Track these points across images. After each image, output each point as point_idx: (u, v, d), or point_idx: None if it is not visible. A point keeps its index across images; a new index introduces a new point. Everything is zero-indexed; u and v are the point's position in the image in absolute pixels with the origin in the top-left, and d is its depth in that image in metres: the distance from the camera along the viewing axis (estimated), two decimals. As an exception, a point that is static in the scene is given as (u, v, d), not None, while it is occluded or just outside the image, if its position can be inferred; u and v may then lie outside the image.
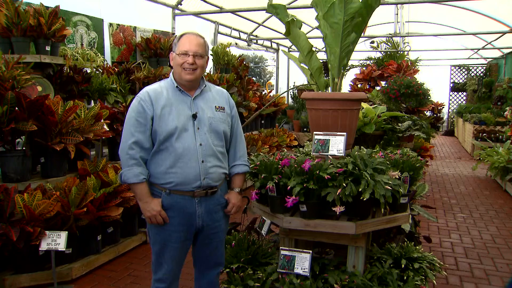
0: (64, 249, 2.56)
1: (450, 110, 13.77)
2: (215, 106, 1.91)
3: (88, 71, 3.92)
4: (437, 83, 12.47)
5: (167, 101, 1.81)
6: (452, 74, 13.48)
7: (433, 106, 11.22)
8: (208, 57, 1.92)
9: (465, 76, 13.11)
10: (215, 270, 2.02)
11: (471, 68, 13.03)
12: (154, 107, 1.79)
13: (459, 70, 13.34)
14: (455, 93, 13.56)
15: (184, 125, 1.79)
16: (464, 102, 13.10)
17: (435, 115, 11.30)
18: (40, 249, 2.57)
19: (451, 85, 13.42)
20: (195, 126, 1.82)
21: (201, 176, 1.81)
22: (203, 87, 1.92)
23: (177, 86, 1.85)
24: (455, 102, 13.66)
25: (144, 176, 1.79)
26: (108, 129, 3.37)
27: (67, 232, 2.60)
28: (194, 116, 1.83)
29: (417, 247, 2.30)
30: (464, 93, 13.12)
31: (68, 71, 3.66)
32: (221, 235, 1.97)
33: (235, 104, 2.04)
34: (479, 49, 10.75)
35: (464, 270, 3.12)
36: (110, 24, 4.78)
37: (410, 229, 2.64)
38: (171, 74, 1.90)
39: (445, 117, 13.95)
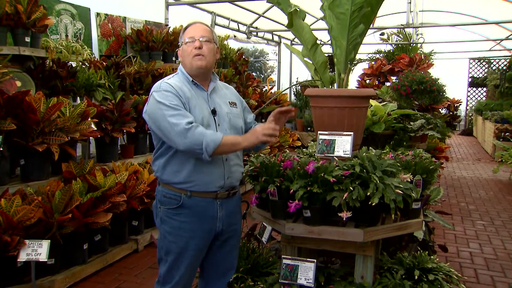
0: (45, 260, 2.54)
1: (468, 108, 13.77)
2: (229, 102, 1.95)
3: (74, 65, 3.92)
4: (454, 78, 12.45)
5: (190, 94, 1.82)
6: (470, 67, 13.48)
7: (449, 103, 11.26)
8: (218, 47, 1.94)
9: (486, 70, 13.10)
10: (223, 278, 2.01)
11: (492, 61, 13.01)
12: (182, 99, 1.77)
13: (478, 63, 13.34)
14: (474, 88, 13.55)
15: (208, 121, 1.82)
16: (484, 98, 13.09)
17: (451, 113, 11.33)
18: (18, 260, 2.54)
19: (470, 80, 13.42)
20: (216, 122, 1.85)
21: (225, 176, 1.85)
22: (216, 82, 1.96)
23: (192, 80, 1.87)
24: (473, 98, 13.66)
25: (217, 131, 1.79)
26: (95, 129, 3.38)
27: (49, 240, 2.59)
28: (214, 112, 1.85)
29: (432, 256, 2.31)
30: (484, 89, 13.11)
31: (51, 64, 3.66)
32: (236, 238, 2.00)
33: None
34: (502, 40, 10.70)
35: (486, 284, 3.11)
36: (98, 14, 4.80)
37: (423, 237, 2.66)
38: (180, 68, 1.91)
39: (463, 115, 13.96)
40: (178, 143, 1.71)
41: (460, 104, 13.17)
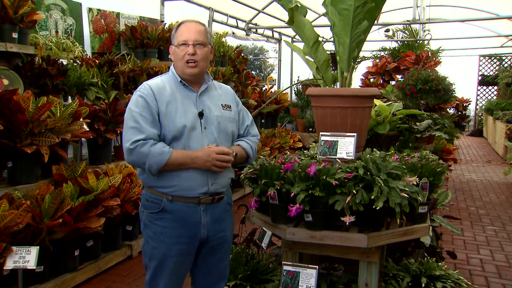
0: (34, 267, 2.54)
1: (477, 107, 13.80)
2: (222, 104, 1.95)
3: (64, 62, 3.93)
4: (463, 76, 12.53)
5: (172, 97, 1.84)
6: (480, 65, 13.49)
7: (457, 102, 11.27)
8: (212, 46, 1.96)
9: (497, 68, 13.10)
10: (216, 287, 2.03)
11: (504, 57, 13.00)
12: (158, 103, 1.81)
13: (489, 60, 13.34)
14: (484, 87, 13.58)
15: (192, 124, 1.83)
16: (494, 97, 13.10)
17: (459, 113, 11.34)
18: (5, 268, 2.52)
19: (480, 78, 13.44)
20: (202, 126, 1.86)
21: (208, 182, 1.85)
22: (209, 83, 1.96)
23: (181, 81, 1.88)
24: (483, 97, 13.68)
25: (167, 146, 1.79)
26: (88, 129, 3.39)
27: (38, 247, 2.58)
28: (201, 114, 1.86)
29: (440, 263, 2.32)
30: (495, 87, 13.12)
31: (41, 62, 3.67)
32: (226, 246, 2.01)
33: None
34: (515, 36, 10.70)
35: (497, 292, 3.13)
36: (90, 9, 4.82)
37: (430, 243, 2.67)
38: (171, 67, 1.94)
39: (472, 115, 13.99)
40: (125, 157, 1.82)
41: (469, 104, 13.16)
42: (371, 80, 7.75)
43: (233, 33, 7.74)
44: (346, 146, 1.97)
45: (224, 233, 1.97)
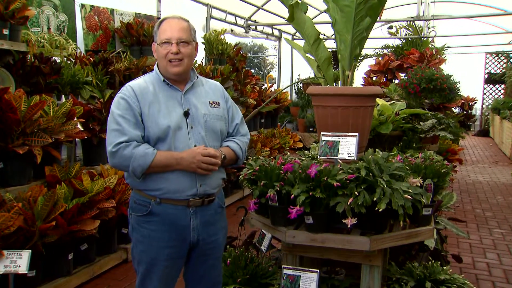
0: (26, 272, 2.52)
1: (484, 106, 13.82)
2: (209, 102, 1.94)
3: (58, 60, 3.94)
4: (469, 74, 12.50)
5: (155, 97, 1.84)
6: (487, 63, 13.50)
7: (462, 101, 11.30)
8: (197, 43, 1.95)
9: (504, 65, 13.10)
10: None
11: (511, 55, 13.02)
12: (140, 104, 1.81)
13: (496, 58, 13.35)
14: (491, 85, 13.59)
15: (177, 124, 1.82)
16: (501, 96, 13.11)
17: (465, 112, 11.37)
18: None
19: (486, 76, 13.46)
20: (188, 125, 1.85)
21: (197, 183, 1.84)
22: (195, 80, 1.95)
23: (164, 80, 1.88)
24: (490, 96, 13.70)
25: (151, 148, 1.79)
26: (82, 129, 3.40)
27: (30, 251, 2.56)
28: (186, 114, 1.86)
29: (445, 267, 2.33)
30: (502, 86, 13.13)
31: (33, 60, 3.66)
32: (218, 250, 2.01)
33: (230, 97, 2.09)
34: (523, 32, 10.68)
35: (504, 297, 3.13)
36: (83, 5, 4.82)
37: (435, 246, 2.67)
38: (155, 66, 1.94)
39: (478, 114, 14.00)
40: (108, 160, 1.83)
41: (475, 103, 13.20)
42: (374, 78, 7.77)
43: (232, 30, 7.75)
44: (348, 147, 1.97)
45: (216, 237, 1.96)
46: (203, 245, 1.92)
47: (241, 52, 6.60)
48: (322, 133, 2.06)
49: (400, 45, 8.19)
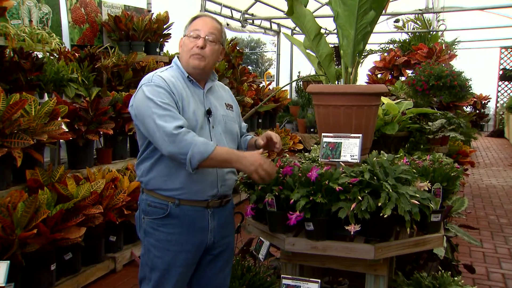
0: (3, 284, 2.49)
1: (498, 105, 13.81)
2: (225, 104, 2.04)
3: (40, 55, 3.93)
4: (481, 70, 12.49)
5: (183, 92, 1.87)
6: (502, 58, 13.49)
7: (475, 99, 11.32)
8: (224, 48, 1.99)
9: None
10: None
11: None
12: (175, 96, 1.82)
13: (511, 52, 13.37)
14: (506, 82, 13.59)
15: (201, 123, 1.87)
16: (517, 94, 13.16)
17: (477, 111, 11.40)
18: None
19: (501, 72, 13.43)
20: (210, 124, 1.91)
21: (218, 183, 1.90)
22: (215, 81, 2.03)
23: (188, 76, 1.92)
24: (505, 94, 13.69)
25: (211, 134, 1.87)
26: (67, 130, 3.39)
27: (8, 261, 2.50)
28: (209, 112, 1.91)
29: (456, 278, 2.33)
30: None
31: (12, 55, 3.65)
32: (228, 253, 2.05)
33: None
34: (541, 25, 10.67)
35: (521, 312, 3.14)
36: (68, -4, 4.82)
37: (445, 255, 2.69)
38: (175, 61, 1.96)
39: (492, 113, 14.03)
40: (162, 147, 1.75)
41: (489, 101, 13.23)
42: (379, 76, 7.77)
43: (228, 24, 7.77)
44: (351, 148, 1.99)
45: (228, 239, 2.04)
46: (217, 247, 1.98)
47: (238, 48, 6.61)
48: (323, 134, 2.07)
49: (407, 40, 8.19)
